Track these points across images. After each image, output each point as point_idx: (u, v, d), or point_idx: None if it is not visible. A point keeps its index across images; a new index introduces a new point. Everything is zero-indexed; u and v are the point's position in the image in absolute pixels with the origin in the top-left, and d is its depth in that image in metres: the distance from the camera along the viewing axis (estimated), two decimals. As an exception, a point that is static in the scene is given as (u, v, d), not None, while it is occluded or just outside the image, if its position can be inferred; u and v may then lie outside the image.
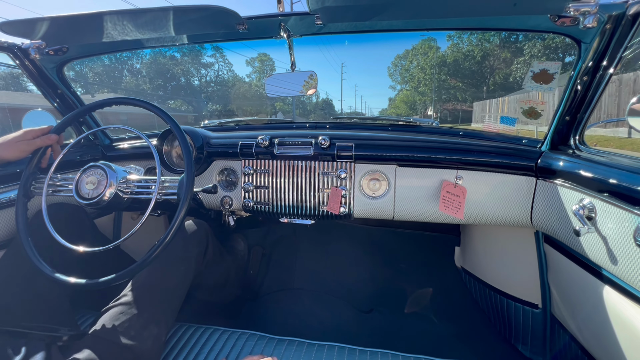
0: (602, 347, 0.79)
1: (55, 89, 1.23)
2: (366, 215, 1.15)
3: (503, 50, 12.37)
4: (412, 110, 19.80)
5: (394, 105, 23.05)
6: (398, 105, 22.36)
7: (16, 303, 0.83)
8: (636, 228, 0.63)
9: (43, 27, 0.95)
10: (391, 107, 23.38)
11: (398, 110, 22.31)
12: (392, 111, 23.46)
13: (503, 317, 1.29)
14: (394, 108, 23.21)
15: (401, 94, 21.41)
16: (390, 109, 23.15)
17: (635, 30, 0.74)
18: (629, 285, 0.68)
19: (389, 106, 22.90)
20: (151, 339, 0.76)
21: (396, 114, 21.52)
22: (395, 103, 22.87)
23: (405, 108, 20.39)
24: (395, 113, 22.83)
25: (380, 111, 25.15)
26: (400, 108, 21.47)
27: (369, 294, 1.60)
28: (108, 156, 1.34)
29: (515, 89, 12.56)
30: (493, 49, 13.13)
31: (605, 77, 0.82)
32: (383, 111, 24.20)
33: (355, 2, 0.82)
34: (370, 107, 40.39)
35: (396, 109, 22.73)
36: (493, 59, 13.43)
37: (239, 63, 29.62)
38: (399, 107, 22.15)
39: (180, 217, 0.77)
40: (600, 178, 0.74)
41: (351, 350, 0.83)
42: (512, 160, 1.00)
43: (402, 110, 21.30)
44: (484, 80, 14.12)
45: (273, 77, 1.28)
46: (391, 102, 22.85)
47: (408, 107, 20.15)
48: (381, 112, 24.89)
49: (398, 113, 21.93)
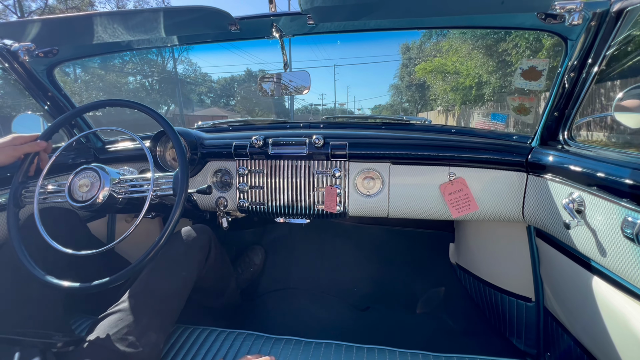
0: (594, 338, 0.81)
1: (45, 91, 1.21)
2: (361, 214, 1.15)
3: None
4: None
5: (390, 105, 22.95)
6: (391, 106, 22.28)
7: (9, 309, 0.82)
8: (623, 220, 0.65)
9: (33, 29, 0.94)
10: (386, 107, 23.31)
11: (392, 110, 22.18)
12: (387, 111, 23.32)
13: (497, 312, 1.31)
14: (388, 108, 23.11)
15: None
16: (387, 107, 22.99)
17: (620, 27, 0.76)
18: (617, 276, 0.70)
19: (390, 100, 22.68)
20: (149, 346, 0.76)
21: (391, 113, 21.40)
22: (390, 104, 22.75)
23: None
24: (390, 112, 22.69)
25: (373, 108, 24.97)
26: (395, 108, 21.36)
27: (364, 292, 1.61)
28: (101, 159, 1.33)
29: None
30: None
31: (592, 73, 0.84)
32: (378, 108, 23.96)
33: (346, 2, 0.83)
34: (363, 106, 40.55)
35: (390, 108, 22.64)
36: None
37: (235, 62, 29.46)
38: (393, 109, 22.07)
39: (177, 213, 0.77)
40: (588, 172, 0.76)
41: (348, 348, 0.83)
42: (504, 156, 1.02)
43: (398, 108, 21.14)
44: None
45: (266, 77, 1.28)
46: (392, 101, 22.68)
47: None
48: (377, 110, 24.68)
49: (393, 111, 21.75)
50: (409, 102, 19.78)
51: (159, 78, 18.10)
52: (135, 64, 17.28)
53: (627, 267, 0.65)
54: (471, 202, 1.03)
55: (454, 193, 1.05)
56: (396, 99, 22.04)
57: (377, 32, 1.04)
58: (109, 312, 0.79)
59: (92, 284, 0.74)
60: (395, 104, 21.78)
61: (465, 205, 1.04)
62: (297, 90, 1.26)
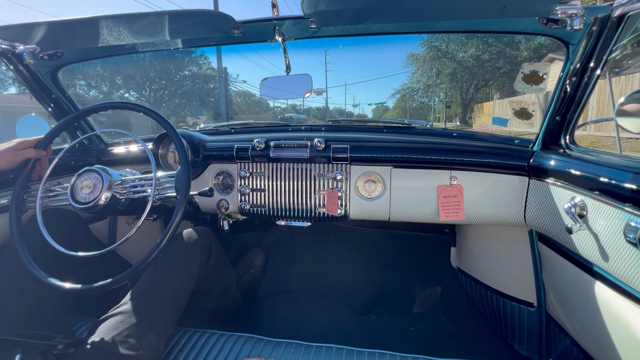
0: (597, 344, 0.81)
1: (49, 93, 1.22)
2: (362, 217, 1.15)
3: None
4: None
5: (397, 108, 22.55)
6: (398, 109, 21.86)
7: (11, 310, 0.82)
8: (626, 224, 0.64)
9: (38, 31, 0.95)
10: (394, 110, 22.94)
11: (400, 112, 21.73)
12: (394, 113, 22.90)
13: (499, 317, 1.30)
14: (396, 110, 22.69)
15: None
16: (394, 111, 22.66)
17: (621, 32, 0.76)
18: (620, 281, 0.69)
19: (394, 105, 22.31)
20: (150, 349, 0.76)
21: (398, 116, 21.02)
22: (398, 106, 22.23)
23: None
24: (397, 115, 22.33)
25: (374, 110, 24.72)
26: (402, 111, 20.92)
27: (365, 296, 1.60)
28: (103, 161, 1.34)
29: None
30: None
31: (593, 78, 0.84)
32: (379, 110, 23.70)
33: (348, 6, 0.84)
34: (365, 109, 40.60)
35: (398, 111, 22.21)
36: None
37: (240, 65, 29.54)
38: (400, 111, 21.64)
39: (180, 214, 0.77)
40: (590, 176, 0.76)
41: (349, 352, 0.83)
42: (505, 160, 1.02)
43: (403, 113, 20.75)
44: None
45: (268, 80, 1.29)
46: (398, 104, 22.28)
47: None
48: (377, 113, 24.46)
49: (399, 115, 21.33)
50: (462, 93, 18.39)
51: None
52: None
53: (630, 272, 0.65)
54: (460, 210, 1.05)
55: (448, 197, 1.06)
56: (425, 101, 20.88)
57: (380, 36, 1.05)
58: (109, 314, 0.79)
59: (94, 286, 0.74)
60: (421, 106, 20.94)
61: (454, 211, 1.06)
62: (300, 92, 1.27)
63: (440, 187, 1.07)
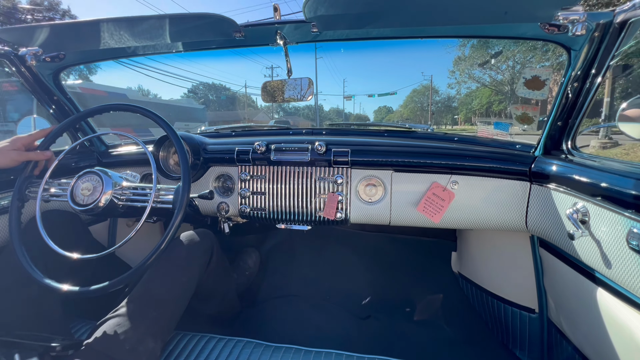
0: (598, 351, 0.80)
1: (51, 95, 1.23)
2: (363, 221, 1.15)
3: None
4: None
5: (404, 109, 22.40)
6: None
7: (9, 311, 0.81)
8: (629, 231, 0.64)
9: (40, 34, 0.96)
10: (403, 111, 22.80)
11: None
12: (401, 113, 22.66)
13: (500, 323, 1.29)
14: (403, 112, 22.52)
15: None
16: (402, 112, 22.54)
17: (623, 38, 0.76)
18: (622, 288, 0.68)
19: (402, 108, 22.26)
20: (146, 354, 0.75)
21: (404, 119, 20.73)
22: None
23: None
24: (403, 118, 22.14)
25: (376, 110, 24.50)
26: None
27: (366, 300, 1.59)
28: (104, 162, 1.34)
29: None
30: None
31: (595, 83, 0.84)
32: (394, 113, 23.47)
33: (349, 11, 0.84)
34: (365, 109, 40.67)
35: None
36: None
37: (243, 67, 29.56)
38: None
39: (175, 225, 0.77)
40: (592, 182, 0.75)
41: (349, 357, 0.82)
42: (506, 165, 1.01)
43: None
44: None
45: (269, 83, 1.29)
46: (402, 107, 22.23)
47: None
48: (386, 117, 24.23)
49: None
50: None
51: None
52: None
53: (633, 279, 0.64)
54: (437, 214, 1.06)
55: (436, 197, 1.06)
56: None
57: (382, 41, 1.05)
58: (108, 317, 0.78)
59: (91, 288, 0.73)
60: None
61: (432, 211, 1.06)
62: (301, 95, 1.27)
63: (435, 183, 1.06)
